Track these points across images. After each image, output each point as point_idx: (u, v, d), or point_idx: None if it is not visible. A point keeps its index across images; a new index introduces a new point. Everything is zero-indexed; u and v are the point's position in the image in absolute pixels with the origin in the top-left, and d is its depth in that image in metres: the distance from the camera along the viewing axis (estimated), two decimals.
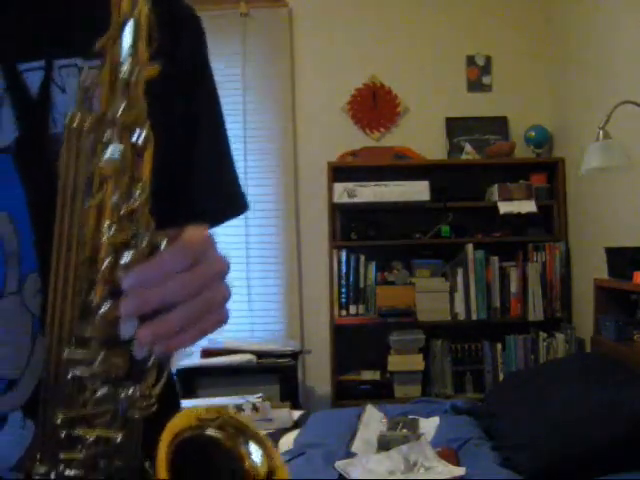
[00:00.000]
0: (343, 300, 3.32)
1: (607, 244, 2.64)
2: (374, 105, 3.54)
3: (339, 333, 3.34)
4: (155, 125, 0.50)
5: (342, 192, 3.22)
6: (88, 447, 0.52)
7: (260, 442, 0.56)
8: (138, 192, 0.50)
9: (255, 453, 0.56)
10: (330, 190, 3.30)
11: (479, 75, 3.54)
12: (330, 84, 3.54)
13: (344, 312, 3.33)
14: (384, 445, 2.13)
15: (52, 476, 0.52)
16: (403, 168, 3.40)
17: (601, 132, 2.22)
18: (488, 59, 3.54)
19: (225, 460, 0.56)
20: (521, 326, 3.32)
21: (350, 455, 2.08)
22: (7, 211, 0.57)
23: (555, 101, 3.45)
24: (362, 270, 3.34)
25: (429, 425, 2.33)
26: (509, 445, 2.09)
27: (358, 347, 3.40)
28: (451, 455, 2.04)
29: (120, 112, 0.48)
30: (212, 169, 0.75)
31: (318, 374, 3.45)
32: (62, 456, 0.52)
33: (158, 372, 0.52)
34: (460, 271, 3.29)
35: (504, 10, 3.52)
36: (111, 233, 0.49)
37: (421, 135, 3.51)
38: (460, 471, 1.92)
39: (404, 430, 2.24)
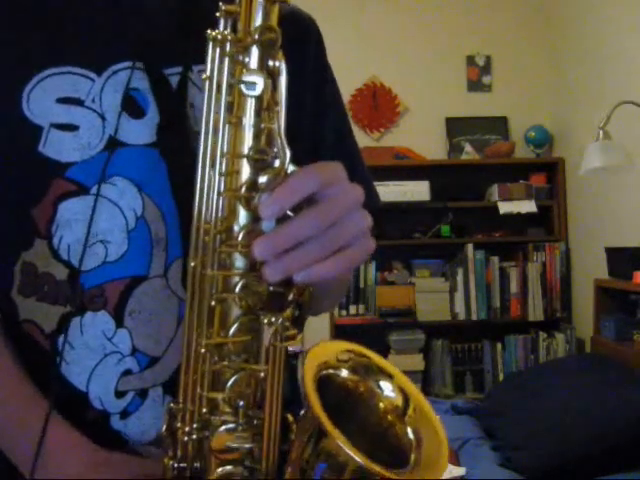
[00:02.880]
0: (343, 300, 3.32)
1: (607, 244, 2.65)
2: (374, 105, 3.54)
3: (339, 333, 3.34)
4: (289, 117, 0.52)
5: None
6: (231, 385, 0.51)
7: (388, 374, 0.56)
8: (274, 117, 0.50)
9: (387, 388, 0.56)
10: None
11: (479, 75, 3.54)
12: None
13: (344, 312, 3.33)
14: None
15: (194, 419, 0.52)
16: (403, 168, 3.39)
17: (601, 132, 2.22)
18: (488, 59, 3.54)
19: (360, 407, 0.56)
20: (521, 326, 3.32)
21: None
22: (155, 200, 0.61)
23: (555, 101, 3.45)
24: (362, 270, 3.34)
25: None
26: (509, 445, 2.09)
27: None
28: (451, 455, 2.04)
29: (258, 32, 0.50)
30: (347, 162, 0.76)
31: None
32: (204, 394, 0.52)
33: (299, 305, 0.51)
34: (460, 271, 3.29)
35: (504, 10, 3.52)
36: (249, 153, 0.50)
37: (421, 135, 3.51)
38: (460, 471, 1.92)
39: None
